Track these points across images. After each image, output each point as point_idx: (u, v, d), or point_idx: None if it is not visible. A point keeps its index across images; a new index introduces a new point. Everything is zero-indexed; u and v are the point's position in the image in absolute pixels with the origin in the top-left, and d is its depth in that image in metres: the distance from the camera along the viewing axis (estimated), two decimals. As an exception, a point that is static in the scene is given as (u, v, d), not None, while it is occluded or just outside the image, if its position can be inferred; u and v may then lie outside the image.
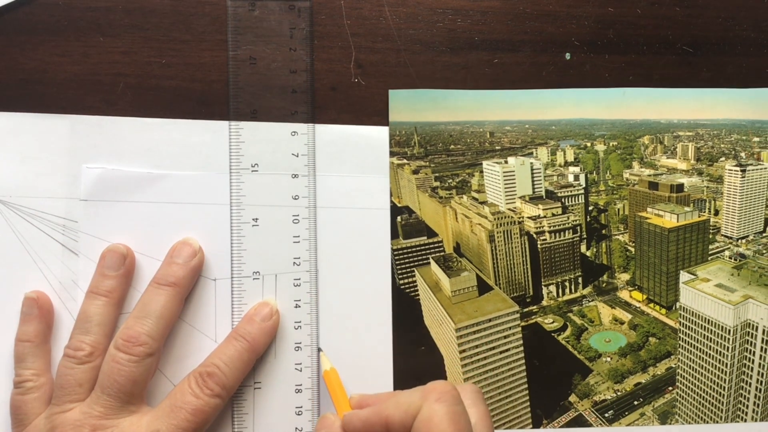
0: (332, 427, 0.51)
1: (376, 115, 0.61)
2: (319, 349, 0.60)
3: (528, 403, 0.63)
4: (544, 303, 0.65)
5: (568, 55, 0.61)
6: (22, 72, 0.59)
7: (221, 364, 0.55)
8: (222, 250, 0.59)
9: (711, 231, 0.64)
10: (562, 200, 0.65)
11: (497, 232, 0.64)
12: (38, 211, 0.58)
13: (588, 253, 0.65)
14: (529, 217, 0.65)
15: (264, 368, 0.59)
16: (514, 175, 0.64)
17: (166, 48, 0.59)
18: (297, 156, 0.59)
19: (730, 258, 0.64)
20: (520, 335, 0.63)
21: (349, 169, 0.60)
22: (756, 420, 0.63)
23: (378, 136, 0.61)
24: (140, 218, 0.59)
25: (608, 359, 0.64)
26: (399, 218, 0.62)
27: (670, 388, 0.64)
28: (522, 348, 0.63)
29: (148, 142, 0.59)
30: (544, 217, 0.65)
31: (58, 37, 0.59)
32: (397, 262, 0.62)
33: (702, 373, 0.64)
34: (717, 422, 0.63)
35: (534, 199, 0.65)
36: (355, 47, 0.60)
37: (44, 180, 0.59)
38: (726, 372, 0.63)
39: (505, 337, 0.63)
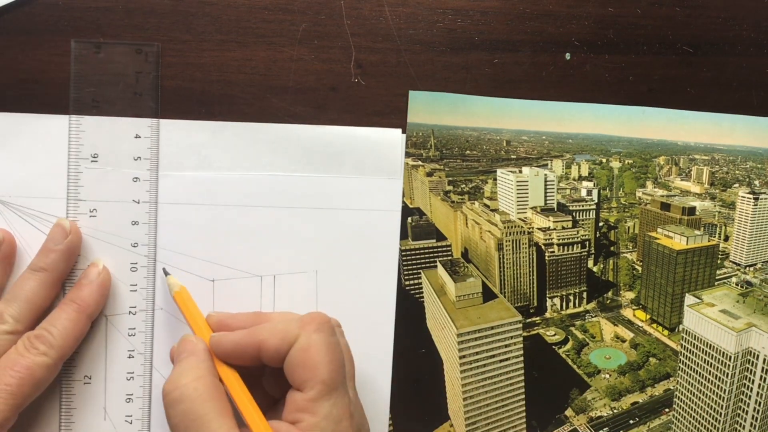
0: (195, 349, 0.51)
1: (376, 115, 0.61)
2: (164, 271, 0.58)
3: (524, 414, 0.63)
4: (548, 315, 0.65)
5: (568, 55, 0.62)
6: (22, 72, 0.58)
7: (50, 327, 0.53)
8: (221, 251, 0.59)
9: (719, 256, 0.64)
10: (573, 214, 0.65)
11: (506, 241, 0.64)
12: (37, 211, 0.58)
13: (595, 269, 0.65)
14: (539, 228, 0.65)
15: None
16: (527, 186, 0.64)
17: (166, 48, 0.59)
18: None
19: (737, 285, 0.64)
20: (521, 345, 0.63)
21: (349, 170, 0.60)
22: (750, 448, 0.63)
23: (378, 137, 0.61)
24: (138, 219, 0.58)
25: (607, 376, 0.64)
26: (409, 219, 0.62)
27: (667, 410, 0.64)
28: (522, 358, 0.63)
29: (143, 141, 0.59)
30: (554, 229, 0.65)
31: (58, 37, 0.58)
32: (405, 263, 0.61)
33: (699, 397, 0.64)
34: (711, 448, 0.63)
35: (545, 211, 0.65)
36: (355, 47, 0.60)
37: (43, 180, 0.58)
38: (724, 398, 0.63)
39: (506, 346, 0.63)
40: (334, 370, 0.48)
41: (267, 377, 0.53)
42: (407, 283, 0.62)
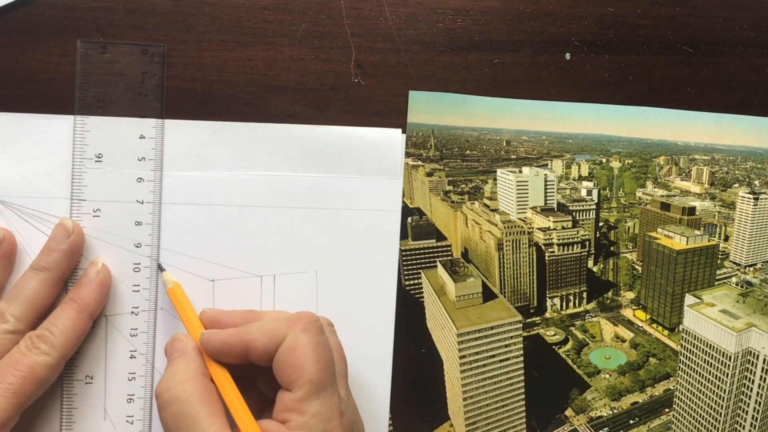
0: (185, 348, 0.52)
1: (376, 115, 0.61)
2: (160, 267, 0.58)
3: (524, 414, 0.63)
4: (548, 315, 0.65)
5: (568, 55, 0.62)
6: (22, 72, 0.58)
7: (51, 327, 0.53)
8: (221, 251, 0.59)
9: (719, 256, 0.64)
10: (573, 214, 0.65)
11: (506, 241, 0.64)
12: (38, 211, 0.58)
13: (595, 269, 0.65)
14: (539, 228, 0.65)
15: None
16: (527, 185, 0.64)
17: (166, 48, 0.59)
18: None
19: (737, 285, 0.64)
20: (521, 345, 0.63)
21: (349, 170, 0.60)
22: (750, 448, 0.63)
23: (378, 137, 0.61)
24: (142, 220, 0.58)
25: (607, 376, 0.64)
26: (409, 219, 0.62)
27: (667, 410, 0.64)
28: (522, 358, 0.63)
29: (147, 142, 0.59)
30: (554, 229, 0.65)
31: (58, 37, 0.58)
32: (405, 263, 0.61)
33: (699, 397, 0.64)
34: (711, 448, 0.63)
35: (545, 211, 0.65)
36: (355, 47, 0.60)
37: (44, 180, 0.58)
38: (723, 398, 0.63)
39: (506, 346, 0.63)
40: (322, 369, 0.48)
41: (261, 377, 0.53)
42: (407, 283, 0.62)
